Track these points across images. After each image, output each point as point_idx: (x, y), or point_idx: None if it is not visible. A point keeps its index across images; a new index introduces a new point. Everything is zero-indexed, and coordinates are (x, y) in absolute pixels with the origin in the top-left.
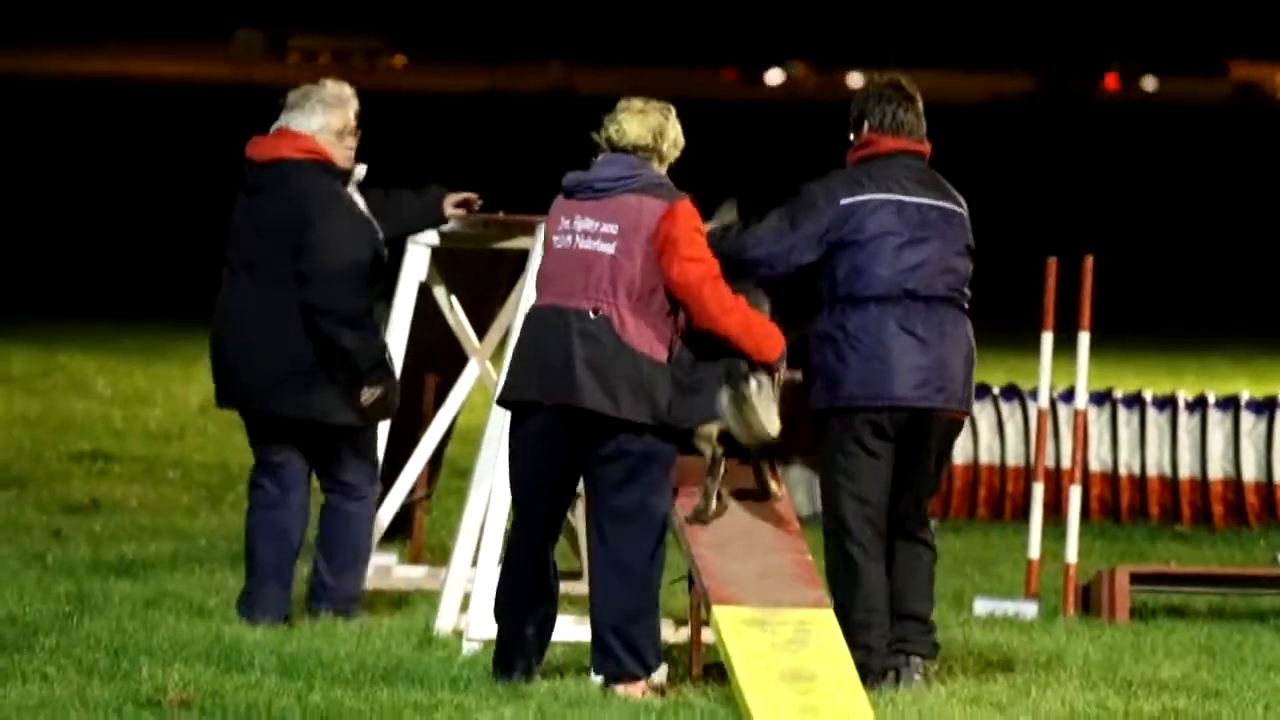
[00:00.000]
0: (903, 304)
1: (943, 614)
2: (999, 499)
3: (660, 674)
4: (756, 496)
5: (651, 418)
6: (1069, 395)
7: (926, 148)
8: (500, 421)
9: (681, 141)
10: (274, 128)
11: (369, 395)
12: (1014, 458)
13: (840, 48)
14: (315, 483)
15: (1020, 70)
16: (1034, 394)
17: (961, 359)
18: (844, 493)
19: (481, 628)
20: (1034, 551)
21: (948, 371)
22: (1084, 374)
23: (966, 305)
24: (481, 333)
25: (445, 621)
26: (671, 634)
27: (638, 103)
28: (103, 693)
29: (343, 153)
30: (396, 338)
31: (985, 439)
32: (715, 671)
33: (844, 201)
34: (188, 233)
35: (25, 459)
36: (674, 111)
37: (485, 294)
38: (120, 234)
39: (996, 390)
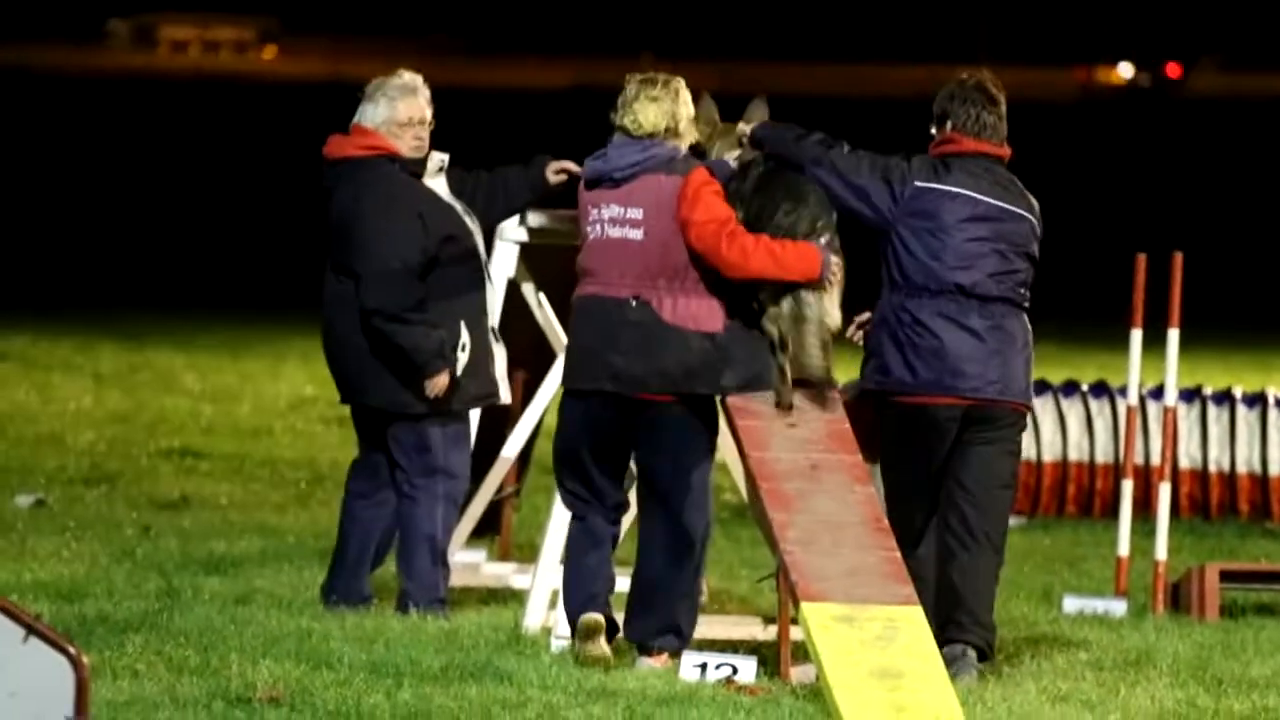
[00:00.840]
0: (958, 299)
1: (1031, 611)
2: (1088, 496)
3: (749, 671)
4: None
5: (708, 389)
6: (1158, 392)
7: (1006, 151)
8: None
9: (693, 112)
10: (351, 124)
11: (431, 387)
12: (1103, 455)
13: (929, 42)
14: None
15: (1110, 64)
16: (1123, 391)
17: (1017, 351)
18: (892, 473)
19: (570, 626)
20: (1123, 549)
21: (1004, 363)
22: (1173, 371)
23: (1025, 305)
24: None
25: (534, 619)
26: (760, 631)
27: (650, 89)
28: (192, 689)
29: (409, 143)
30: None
31: (1074, 436)
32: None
33: (919, 184)
34: (275, 226)
35: (115, 455)
36: (683, 86)
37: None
38: (209, 228)
39: (1085, 387)
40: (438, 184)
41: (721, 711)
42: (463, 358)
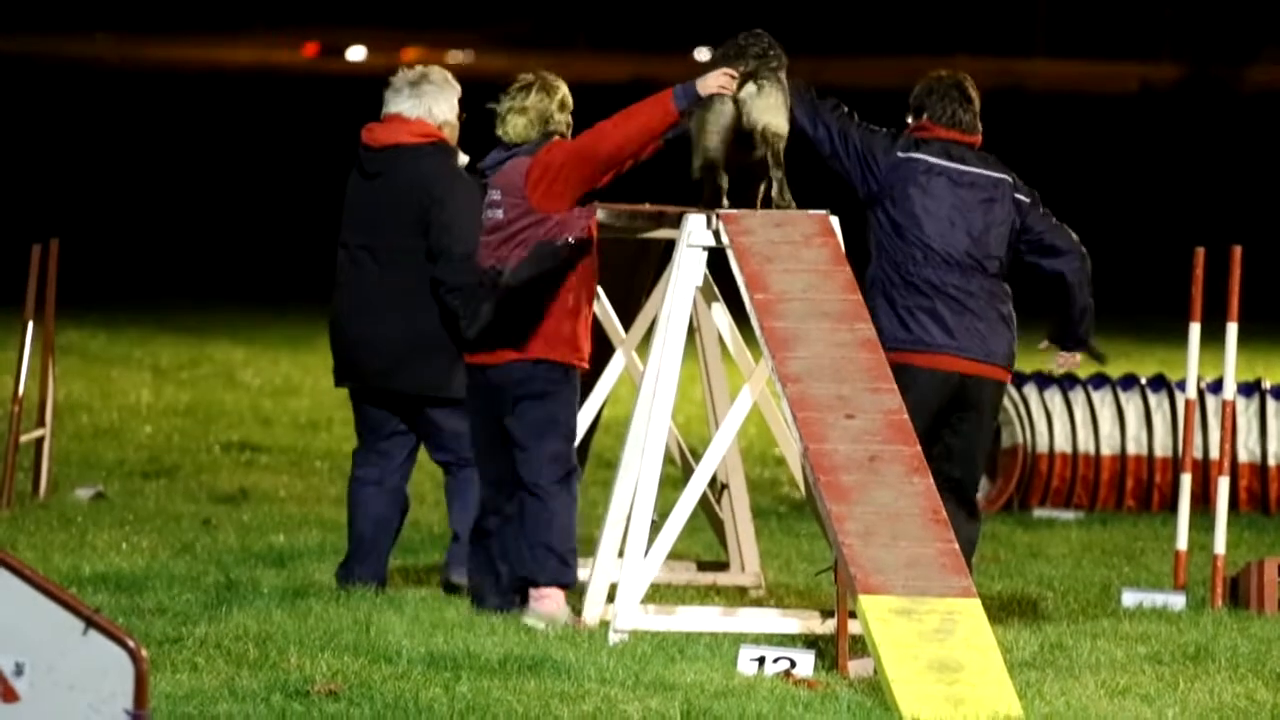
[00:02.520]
0: (940, 266)
1: (1090, 605)
2: (1146, 490)
3: (807, 664)
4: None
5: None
6: (1217, 386)
7: (978, 140)
8: (644, 413)
9: (569, 104)
10: (384, 113)
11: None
12: (1161, 449)
13: (982, 38)
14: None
15: (1168, 59)
16: (1182, 385)
17: (997, 318)
18: None
19: (629, 619)
20: (1182, 543)
21: (988, 329)
22: (1232, 364)
23: (1004, 272)
24: (628, 324)
25: (592, 612)
26: (818, 624)
27: (520, 99)
28: (251, 682)
29: (450, 138)
30: None
31: (1133, 430)
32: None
33: (900, 155)
34: (333, 222)
35: (175, 449)
36: (556, 90)
37: (631, 285)
38: (268, 223)
39: (1144, 381)
40: None
41: (779, 704)
42: None
